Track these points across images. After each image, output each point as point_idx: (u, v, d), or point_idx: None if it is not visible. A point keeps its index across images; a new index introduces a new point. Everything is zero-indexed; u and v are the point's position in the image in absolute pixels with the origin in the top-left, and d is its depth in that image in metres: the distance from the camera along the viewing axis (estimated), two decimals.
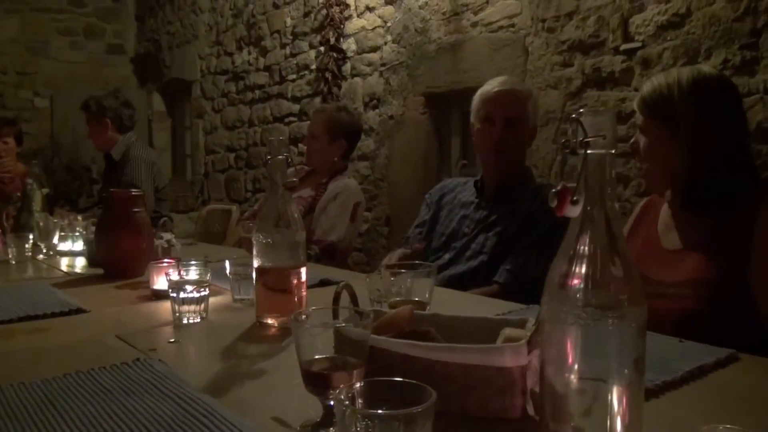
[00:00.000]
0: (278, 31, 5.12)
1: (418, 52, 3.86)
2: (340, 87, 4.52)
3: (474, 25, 3.50)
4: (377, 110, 4.20)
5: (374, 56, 4.19)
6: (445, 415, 0.84)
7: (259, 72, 5.36)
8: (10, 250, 2.38)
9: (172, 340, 1.30)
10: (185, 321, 1.42)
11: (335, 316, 0.93)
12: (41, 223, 2.68)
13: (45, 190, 3.18)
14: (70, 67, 6.89)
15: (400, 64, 3.99)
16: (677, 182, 1.57)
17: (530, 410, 0.85)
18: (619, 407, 0.65)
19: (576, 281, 0.65)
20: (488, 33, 3.42)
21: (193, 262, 1.71)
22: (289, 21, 4.99)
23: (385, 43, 4.09)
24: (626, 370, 0.65)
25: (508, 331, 0.93)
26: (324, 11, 4.58)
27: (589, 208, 0.65)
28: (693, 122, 1.51)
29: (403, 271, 1.37)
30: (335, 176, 3.12)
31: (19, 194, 3.08)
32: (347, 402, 0.64)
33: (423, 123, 3.96)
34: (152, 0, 6.91)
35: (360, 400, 0.67)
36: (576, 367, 0.65)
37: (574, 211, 0.65)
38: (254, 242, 1.37)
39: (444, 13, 3.67)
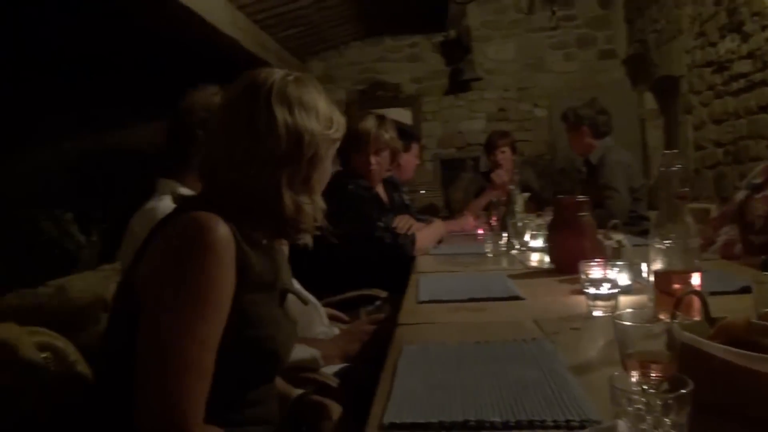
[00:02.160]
0: (757, 14, 4.76)
1: None
2: None
3: None
4: None
5: None
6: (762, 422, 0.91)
7: (742, 60, 5.05)
8: (487, 246, 2.90)
9: (575, 327, 1.54)
10: (594, 313, 1.64)
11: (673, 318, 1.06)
12: (518, 224, 3.15)
13: (526, 195, 3.69)
14: (564, 77, 7.51)
15: None
16: None
17: None
18: None
19: None
20: None
21: (619, 263, 1.92)
22: None
23: None
24: None
25: None
26: None
27: None
28: None
29: None
30: None
31: (505, 198, 3.64)
32: (618, 383, 0.82)
33: None
34: (640, 1, 7.04)
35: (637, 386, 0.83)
36: None
37: None
38: (650, 247, 1.51)
39: None
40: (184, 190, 1.86)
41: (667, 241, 1.48)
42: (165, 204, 1.80)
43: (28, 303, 2.94)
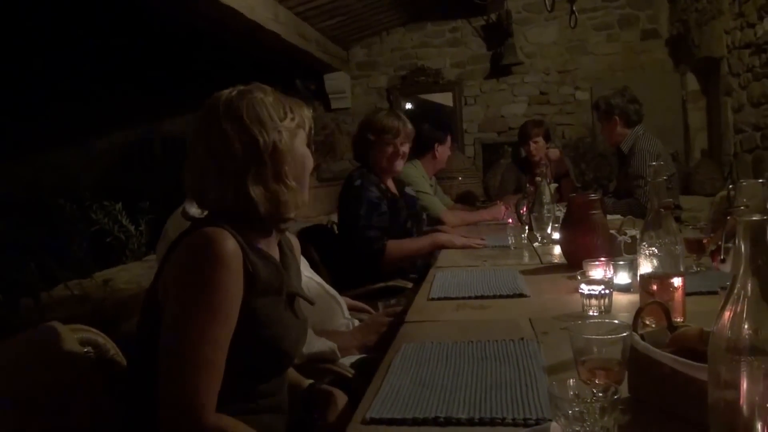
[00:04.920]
0: None
1: None
2: None
3: None
4: None
5: None
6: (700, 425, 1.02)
7: None
8: (509, 238, 2.99)
9: (564, 327, 1.65)
10: (589, 313, 1.75)
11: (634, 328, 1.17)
12: (542, 216, 3.22)
13: (554, 185, 3.75)
14: (607, 59, 7.47)
15: None
16: None
17: None
18: None
19: (732, 329, 0.81)
20: None
21: (621, 262, 2.02)
22: None
23: None
24: None
25: None
26: None
27: (742, 269, 0.79)
28: None
29: None
30: None
31: (532, 188, 3.70)
32: (554, 390, 0.95)
33: None
34: None
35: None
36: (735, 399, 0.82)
37: (724, 267, 0.81)
38: (639, 252, 1.62)
39: None
40: None
41: (652, 248, 1.58)
42: (195, 209, 1.96)
43: (75, 295, 3.19)
